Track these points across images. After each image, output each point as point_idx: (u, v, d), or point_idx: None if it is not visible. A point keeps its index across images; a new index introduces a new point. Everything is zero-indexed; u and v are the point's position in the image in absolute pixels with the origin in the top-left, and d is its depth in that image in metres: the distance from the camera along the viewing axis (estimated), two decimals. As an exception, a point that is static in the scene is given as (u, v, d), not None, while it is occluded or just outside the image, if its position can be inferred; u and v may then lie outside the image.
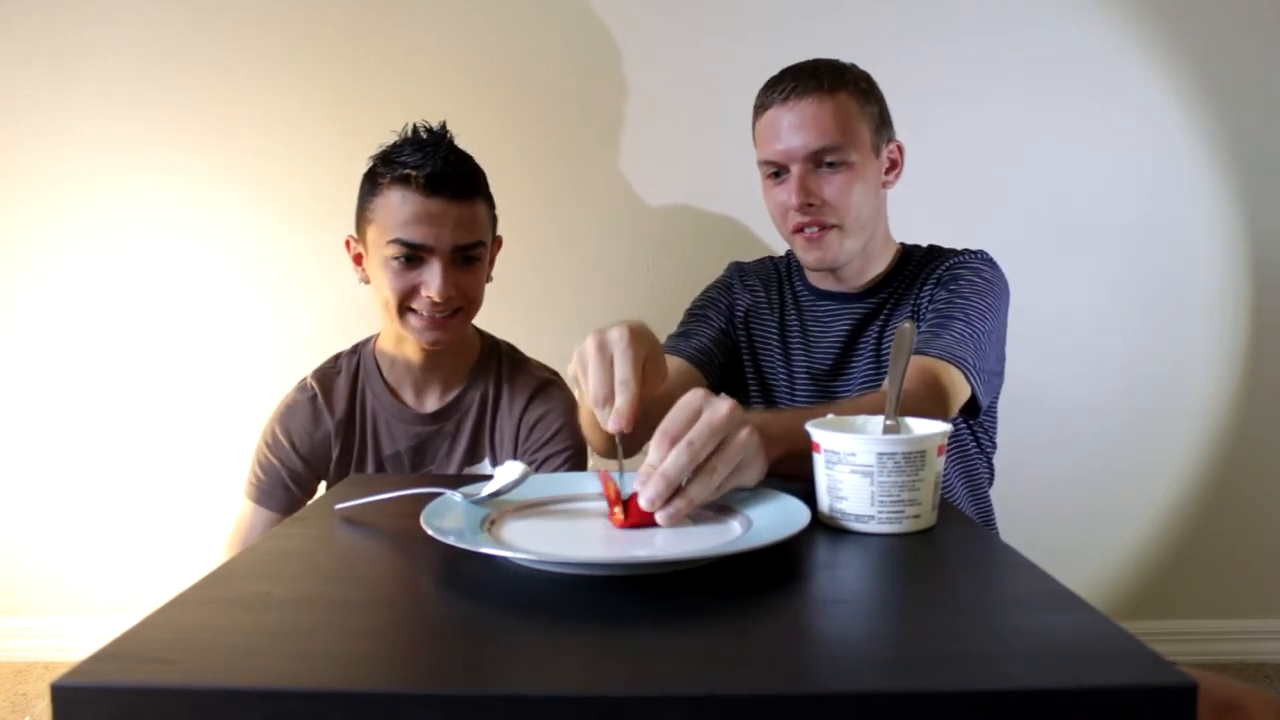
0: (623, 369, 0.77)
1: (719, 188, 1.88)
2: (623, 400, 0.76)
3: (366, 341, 1.41)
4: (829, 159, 1.23)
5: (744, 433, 0.76)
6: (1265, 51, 1.86)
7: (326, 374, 1.38)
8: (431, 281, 1.22)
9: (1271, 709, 0.82)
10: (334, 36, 1.88)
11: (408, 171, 1.20)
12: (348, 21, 1.88)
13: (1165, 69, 1.86)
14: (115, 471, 1.97)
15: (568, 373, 0.82)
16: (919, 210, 1.52)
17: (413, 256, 1.23)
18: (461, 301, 1.27)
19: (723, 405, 0.75)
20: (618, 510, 0.75)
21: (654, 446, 0.74)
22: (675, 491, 0.73)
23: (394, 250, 1.22)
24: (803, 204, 1.24)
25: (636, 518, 0.74)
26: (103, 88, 1.88)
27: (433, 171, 1.20)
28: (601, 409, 0.78)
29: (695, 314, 1.42)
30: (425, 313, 1.25)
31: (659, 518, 0.73)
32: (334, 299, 1.88)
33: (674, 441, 0.73)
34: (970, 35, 1.87)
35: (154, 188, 1.91)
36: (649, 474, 0.73)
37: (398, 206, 1.22)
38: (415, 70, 1.88)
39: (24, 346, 1.95)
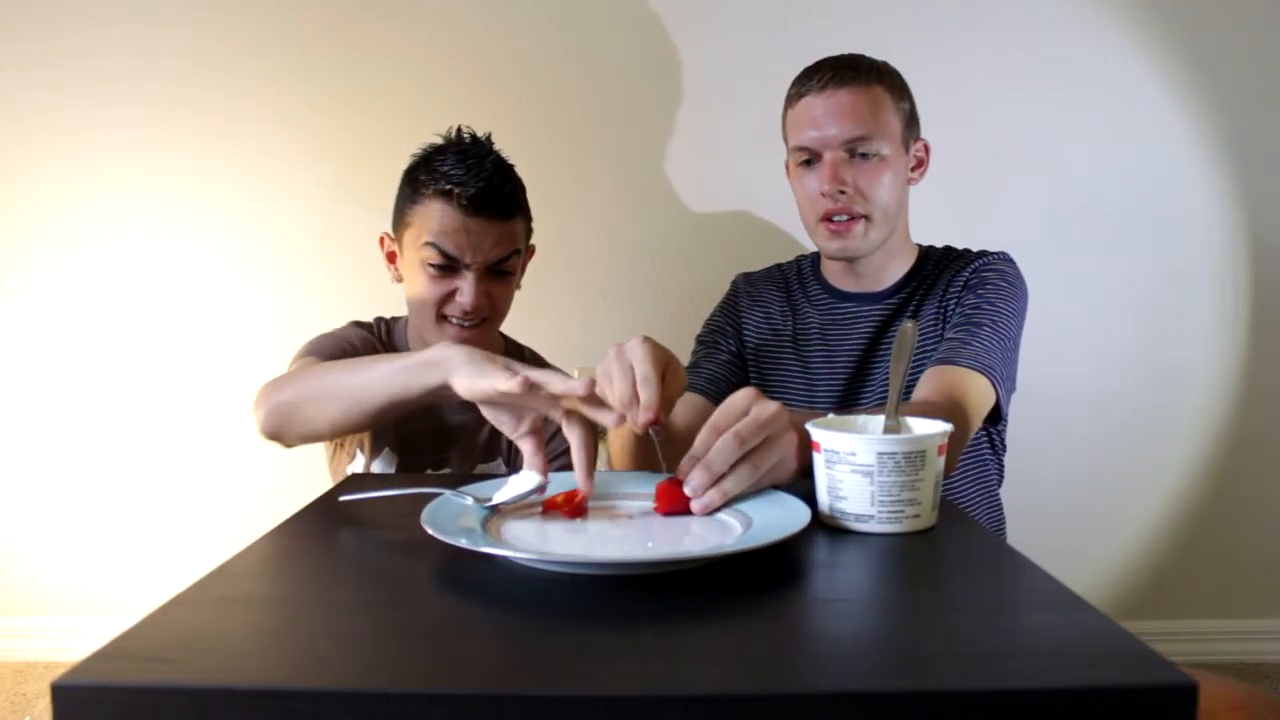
0: (643, 368, 0.80)
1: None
2: (647, 394, 0.79)
3: (395, 320, 1.40)
4: (862, 149, 1.24)
5: (788, 436, 0.80)
6: (1265, 51, 1.86)
7: (378, 324, 1.38)
8: (465, 291, 1.25)
9: (1272, 709, 0.82)
10: (342, 35, 1.88)
11: (450, 186, 1.22)
12: (361, 20, 1.87)
13: (1165, 68, 1.86)
14: (115, 471, 1.97)
15: (596, 390, 0.83)
16: (922, 209, 1.52)
17: (447, 265, 1.24)
18: (489, 312, 1.29)
19: (771, 404, 0.80)
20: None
21: (701, 438, 0.79)
22: (714, 482, 0.77)
23: (429, 254, 1.24)
24: (834, 190, 1.24)
25: (668, 504, 0.78)
26: (103, 88, 1.88)
27: (476, 193, 1.21)
28: (629, 410, 0.81)
29: (705, 342, 1.42)
30: (456, 320, 1.27)
31: (694, 506, 0.78)
32: (337, 299, 1.87)
33: (720, 435, 0.77)
34: (969, 35, 1.87)
35: (154, 188, 1.91)
36: (693, 463, 0.77)
37: (437, 217, 1.23)
38: (426, 70, 1.88)
39: (23, 346, 1.95)
